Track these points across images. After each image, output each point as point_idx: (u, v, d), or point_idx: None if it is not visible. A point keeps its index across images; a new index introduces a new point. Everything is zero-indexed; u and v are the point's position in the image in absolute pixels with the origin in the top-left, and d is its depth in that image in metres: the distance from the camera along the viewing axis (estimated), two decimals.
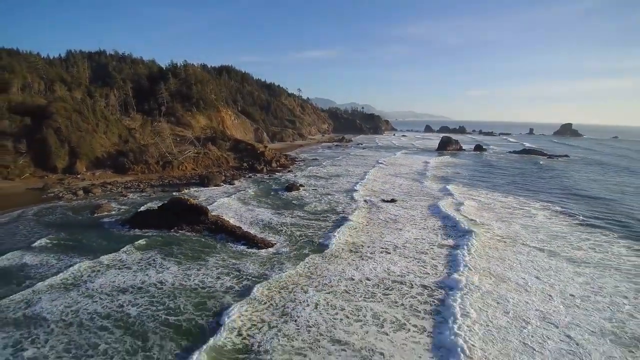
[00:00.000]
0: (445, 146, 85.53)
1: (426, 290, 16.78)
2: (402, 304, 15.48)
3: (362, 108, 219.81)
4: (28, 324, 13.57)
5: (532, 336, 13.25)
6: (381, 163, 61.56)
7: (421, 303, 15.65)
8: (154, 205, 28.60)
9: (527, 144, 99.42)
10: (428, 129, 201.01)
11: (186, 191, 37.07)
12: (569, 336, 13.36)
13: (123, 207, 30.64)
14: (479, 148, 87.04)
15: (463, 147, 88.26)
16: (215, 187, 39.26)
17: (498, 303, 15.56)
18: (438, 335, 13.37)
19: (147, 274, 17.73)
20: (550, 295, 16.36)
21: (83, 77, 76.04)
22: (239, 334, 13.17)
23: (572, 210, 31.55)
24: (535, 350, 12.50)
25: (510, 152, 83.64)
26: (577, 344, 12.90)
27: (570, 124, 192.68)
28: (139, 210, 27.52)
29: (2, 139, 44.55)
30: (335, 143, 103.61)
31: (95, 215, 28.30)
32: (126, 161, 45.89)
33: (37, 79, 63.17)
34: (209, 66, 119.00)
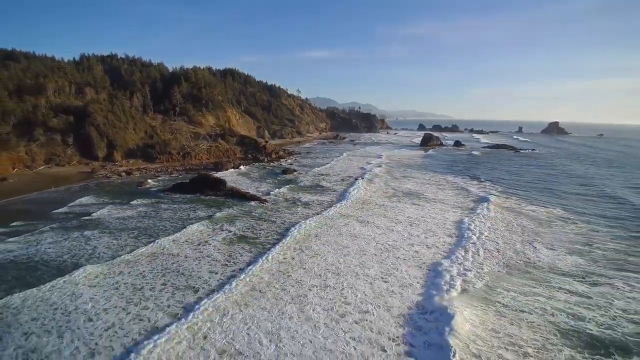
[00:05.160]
0: (426, 142, 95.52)
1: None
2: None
3: (359, 108, 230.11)
4: (138, 228, 24.35)
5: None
6: (342, 156, 71.83)
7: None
8: (184, 180, 39.12)
9: (497, 141, 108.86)
10: (421, 127, 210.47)
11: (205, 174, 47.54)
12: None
13: (160, 182, 41.28)
14: (457, 144, 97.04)
15: (443, 143, 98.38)
16: (226, 171, 49.66)
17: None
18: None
19: (197, 213, 28.94)
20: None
21: (105, 81, 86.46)
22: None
23: (451, 178, 46.37)
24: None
25: (484, 147, 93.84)
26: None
27: (557, 122, 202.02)
28: (175, 183, 38.04)
29: (53, 134, 55.33)
30: (330, 140, 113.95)
31: (142, 187, 38.87)
32: (153, 152, 56.55)
33: (67, 83, 73.31)
34: (214, 69, 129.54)
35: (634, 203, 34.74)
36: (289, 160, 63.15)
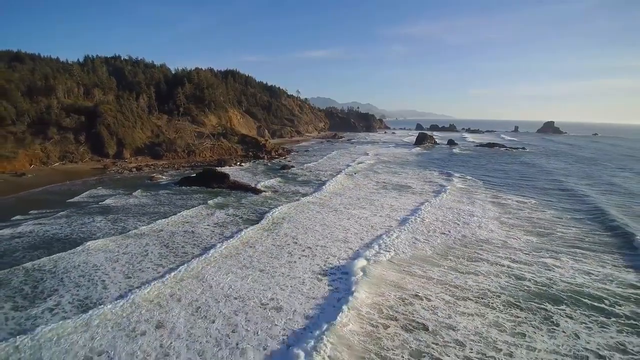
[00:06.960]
0: (420, 141, 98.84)
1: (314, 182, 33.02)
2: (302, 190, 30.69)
3: (358, 108, 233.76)
4: (156, 212, 27.88)
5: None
6: (337, 153, 75.90)
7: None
8: (191, 175, 42.76)
9: (489, 140, 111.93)
10: (419, 127, 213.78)
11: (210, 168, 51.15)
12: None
13: (169, 176, 44.96)
14: (450, 142, 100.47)
15: (437, 142, 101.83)
16: (229, 167, 53.27)
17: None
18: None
19: (205, 200, 32.58)
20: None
21: (111, 82, 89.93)
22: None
23: (425, 168, 55.35)
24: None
25: (475, 145, 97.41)
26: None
27: (552, 122, 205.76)
28: (183, 177, 41.71)
29: (66, 133, 58.95)
30: (328, 139, 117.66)
31: (152, 181, 42.51)
32: (160, 150, 60.21)
33: (75, 84, 76.59)
34: (216, 70, 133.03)
35: (600, 199, 36.26)
36: (288, 158, 66.89)
